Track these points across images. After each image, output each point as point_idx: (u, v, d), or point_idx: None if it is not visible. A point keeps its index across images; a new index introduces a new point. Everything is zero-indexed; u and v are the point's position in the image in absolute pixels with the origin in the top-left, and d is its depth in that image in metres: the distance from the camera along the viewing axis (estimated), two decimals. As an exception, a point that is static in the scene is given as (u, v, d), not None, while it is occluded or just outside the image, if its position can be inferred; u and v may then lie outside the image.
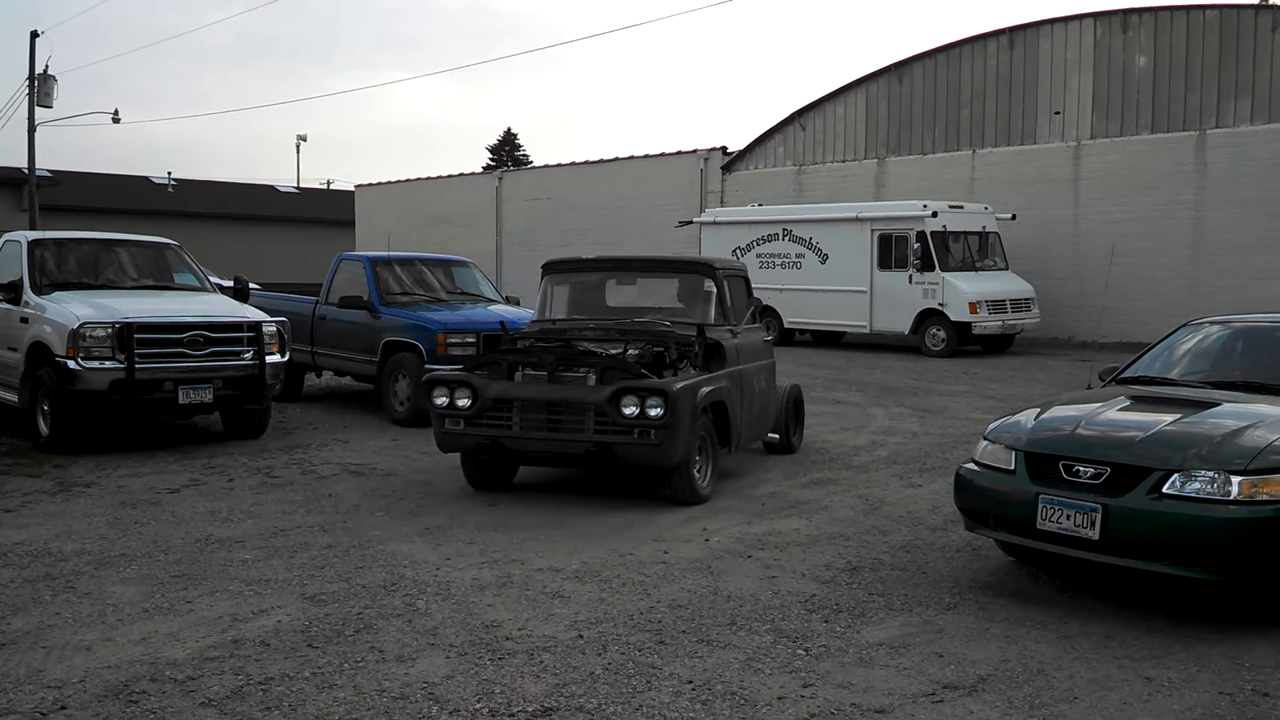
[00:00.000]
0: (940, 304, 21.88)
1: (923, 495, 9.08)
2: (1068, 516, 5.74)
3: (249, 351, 11.38)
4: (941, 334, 21.93)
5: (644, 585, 6.40)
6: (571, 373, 8.50)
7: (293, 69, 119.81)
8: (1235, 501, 5.40)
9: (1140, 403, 6.70)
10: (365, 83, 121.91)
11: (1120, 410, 6.48)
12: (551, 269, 10.28)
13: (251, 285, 18.23)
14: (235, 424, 12.02)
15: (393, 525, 7.92)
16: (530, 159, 68.88)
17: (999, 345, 22.53)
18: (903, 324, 22.38)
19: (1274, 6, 22.46)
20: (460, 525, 7.92)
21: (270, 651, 5.31)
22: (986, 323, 21.70)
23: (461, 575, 6.58)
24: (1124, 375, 7.49)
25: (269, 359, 11.51)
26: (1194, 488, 5.50)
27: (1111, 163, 24.39)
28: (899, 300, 22.39)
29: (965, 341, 21.88)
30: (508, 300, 14.85)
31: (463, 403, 8.44)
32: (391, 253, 14.80)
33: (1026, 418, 6.49)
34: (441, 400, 8.51)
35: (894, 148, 28.22)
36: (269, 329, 11.61)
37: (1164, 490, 5.55)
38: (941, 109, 27.37)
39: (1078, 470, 5.85)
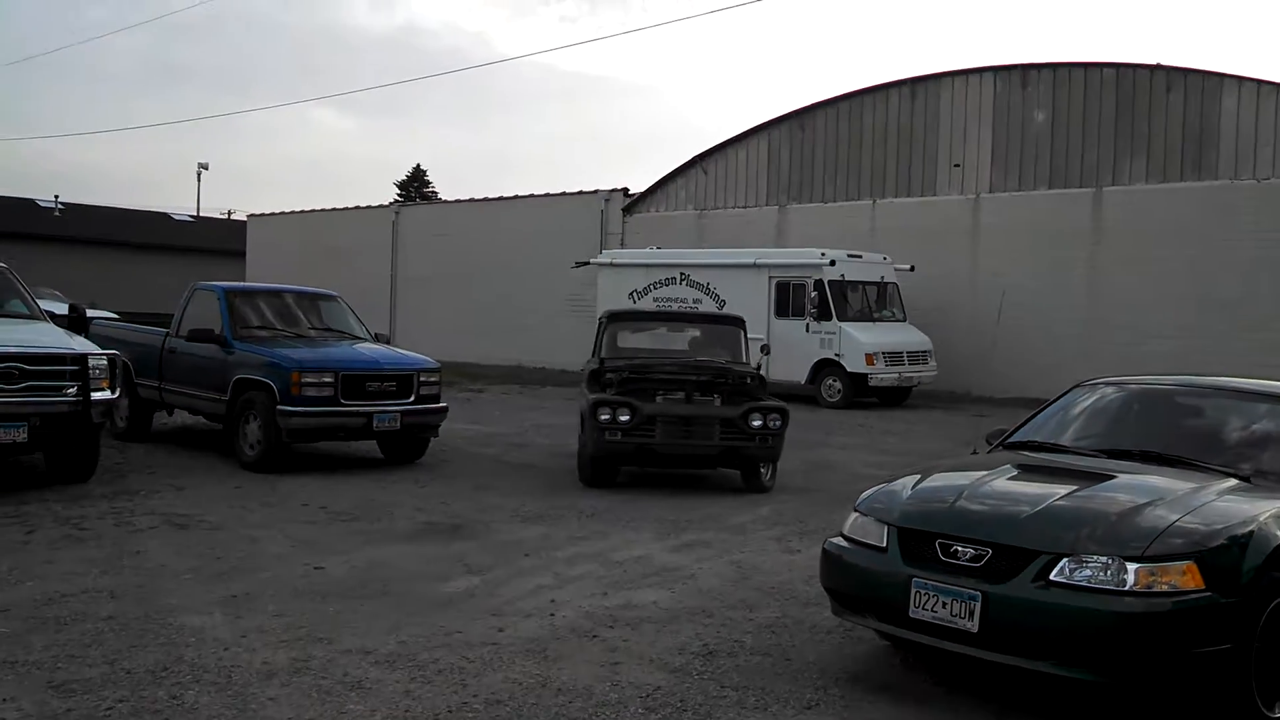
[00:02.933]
0: (837, 354, 21.41)
1: (799, 562, 8.34)
2: (944, 604, 5.00)
3: (73, 387, 10.26)
4: (838, 385, 21.44)
5: (464, 674, 5.51)
6: (705, 396, 11.32)
7: (205, 99, 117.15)
8: (1130, 593, 4.71)
9: (1029, 472, 6.03)
10: (277, 116, 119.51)
11: (1007, 480, 5.79)
12: (616, 319, 13.07)
13: (106, 315, 17.03)
14: (59, 466, 10.87)
15: (195, 591, 6.93)
16: (440, 196, 67.73)
17: (896, 398, 22.11)
18: (799, 373, 21.82)
19: (1169, 68, 22.61)
20: (274, 592, 6.96)
21: (-23, 763, 4.33)
22: (883, 374, 21.27)
23: (251, 658, 5.63)
24: (1012, 439, 6.83)
25: (96, 395, 10.41)
26: (1085, 575, 4.79)
27: (1009, 217, 24.30)
28: (796, 349, 21.85)
29: (862, 393, 21.41)
30: (376, 338, 13.88)
31: (624, 419, 10.76)
32: (250, 283, 13.81)
33: (903, 487, 5.76)
34: (605, 417, 10.77)
35: (795, 195, 27.89)
36: (97, 362, 10.51)
37: (1051, 577, 4.85)
38: (843, 157, 27.14)
39: (956, 551, 5.12)
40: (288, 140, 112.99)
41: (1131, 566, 4.75)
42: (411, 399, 12.43)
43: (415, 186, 70.75)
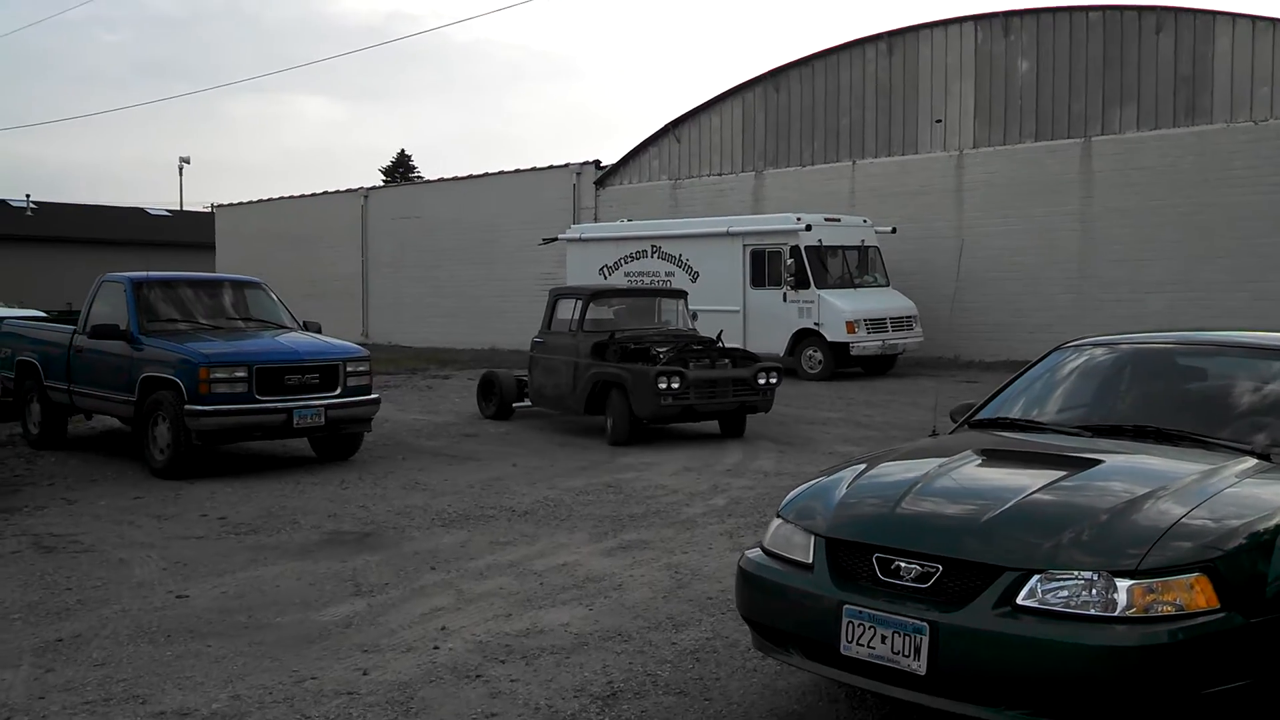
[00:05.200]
0: (816, 323, 20.25)
1: (748, 564, 7.22)
2: (883, 638, 3.87)
3: (-61, 395, 9.17)
4: (818, 355, 20.29)
5: (294, 740, 4.42)
6: (721, 360, 12.97)
7: (185, 92, 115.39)
8: (1122, 619, 3.59)
9: (996, 459, 4.90)
10: (261, 107, 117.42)
11: (969, 470, 4.65)
12: (597, 297, 14.31)
13: (32, 314, 15.93)
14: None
15: (17, 636, 5.82)
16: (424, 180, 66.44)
17: (880, 367, 20.97)
18: (778, 345, 20.61)
19: (1159, 7, 21.36)
20: (111, 632, 5.86)
21: None
22: (865, 343, 20.11)
23: (35, 730, 4.54)
24: (980, 416, 5.68)
25: (-31, 403, 9.33)
26: (1062, 596, 3.66)
27: (995, 172, 23.08)
28: (773, 320, 20.70)
29: (844, 363, 20.27)
30: (305, 326, 12.72)
31: (675, 385, 12.29)
32: (164, 273, 12.70)
33: (838, 483, 4.60)
34: (663, 384, 12.22)
35: (772, 159, 26.67)
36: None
37: (1019, 600, 3.72)
38: (820, 118, 25.89)
39: (898, 568, 4.00)
40: (276, 132, 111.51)
41: (1123, 584, 3.61)
42: (338, 391, 11.32)
43: (400, 171, 69.53)
